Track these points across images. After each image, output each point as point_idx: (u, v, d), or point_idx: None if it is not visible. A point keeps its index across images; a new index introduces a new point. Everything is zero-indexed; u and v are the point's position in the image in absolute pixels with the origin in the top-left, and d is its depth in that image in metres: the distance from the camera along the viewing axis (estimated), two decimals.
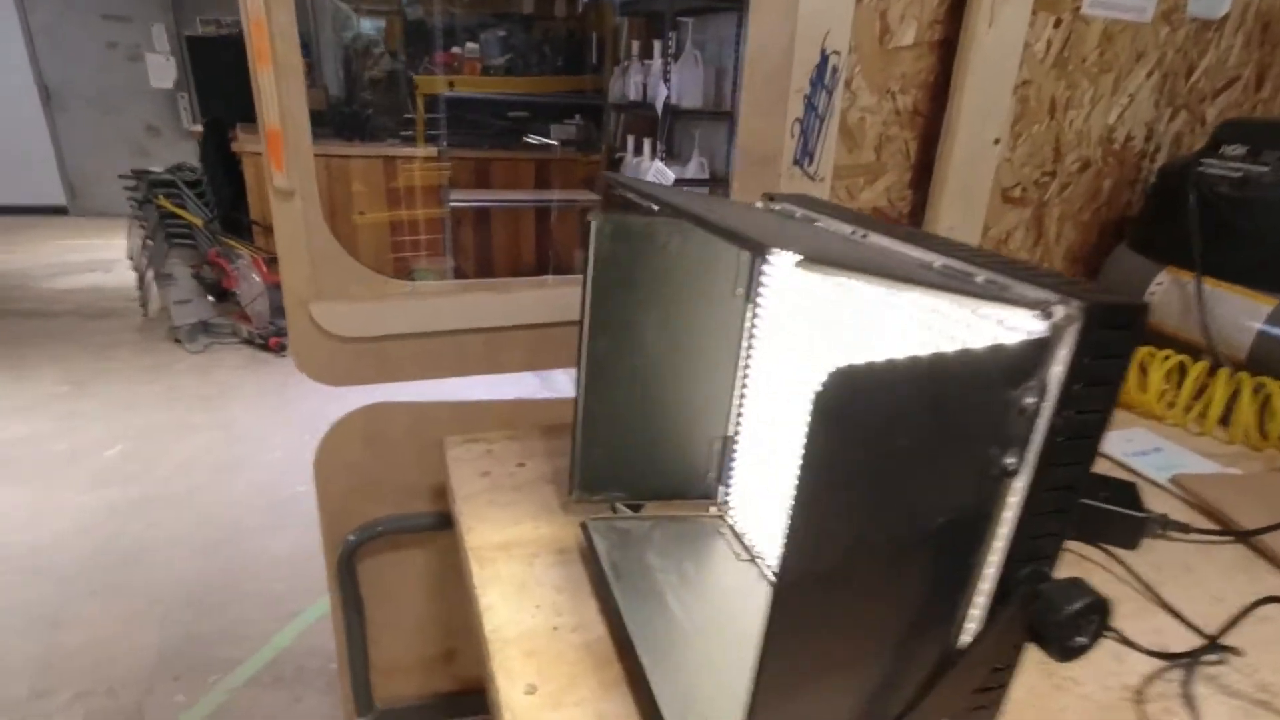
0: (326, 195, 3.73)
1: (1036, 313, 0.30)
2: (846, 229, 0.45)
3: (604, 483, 0.60)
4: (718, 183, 3.31)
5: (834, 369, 0.24)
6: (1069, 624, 0.32)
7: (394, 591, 0.93)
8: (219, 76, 4.50)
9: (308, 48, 4.89)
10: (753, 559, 0.57)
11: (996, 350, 0.29)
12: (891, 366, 0.25)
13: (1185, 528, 0.64)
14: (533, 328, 0.86)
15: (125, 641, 1.62)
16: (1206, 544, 0.64)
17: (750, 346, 0.58)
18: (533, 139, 3.87)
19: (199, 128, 4.31)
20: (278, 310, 3.47)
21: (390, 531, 0.86)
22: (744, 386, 0.59)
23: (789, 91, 0.88)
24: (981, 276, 0.32)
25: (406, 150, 3.58)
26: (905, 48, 0.94)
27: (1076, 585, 0.33)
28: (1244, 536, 0.64)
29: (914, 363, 0.26)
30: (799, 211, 0.48)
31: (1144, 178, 1.10)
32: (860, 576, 0.30)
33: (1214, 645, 0.49)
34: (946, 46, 0.95)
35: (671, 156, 3.51)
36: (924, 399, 0.27)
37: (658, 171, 3.27)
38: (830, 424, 0.24)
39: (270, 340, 3.30)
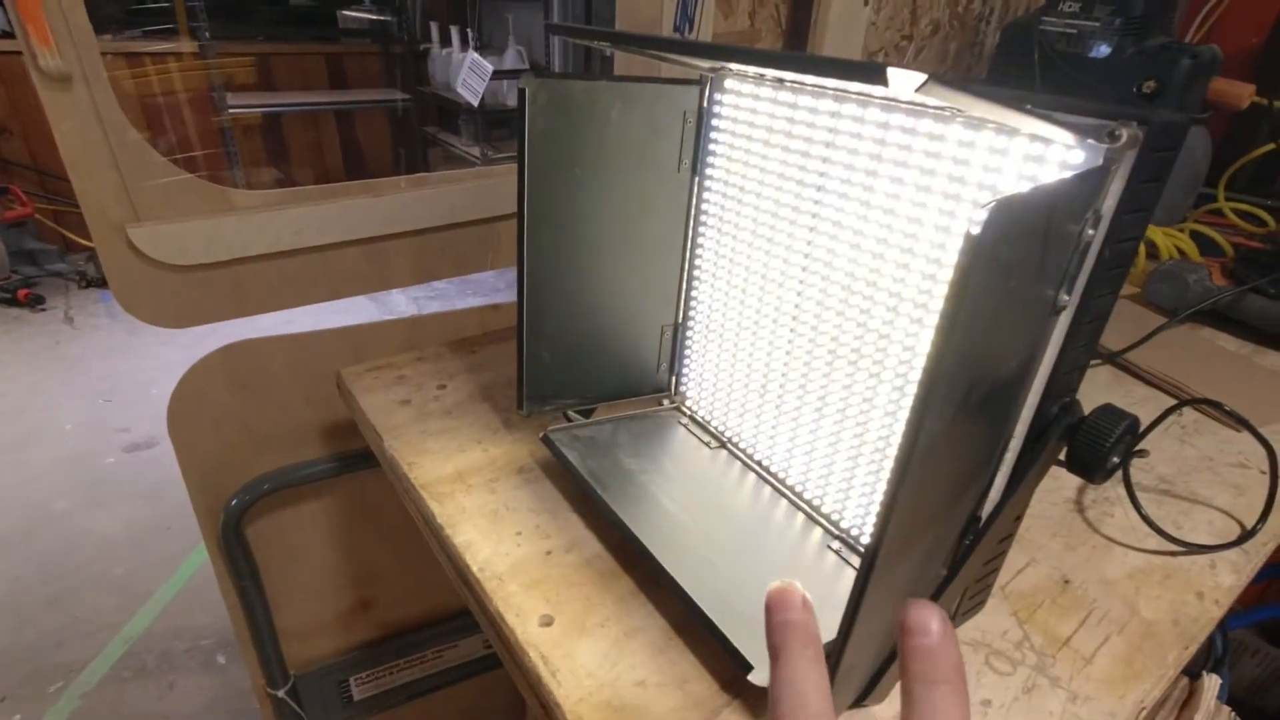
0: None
1: (1099, 137, 0.29)
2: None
3: (554, 390, 0.55)
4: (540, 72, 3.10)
5: (996, 200, 0.21)
6: (1114, 448, 0.33)
7: (293, 549, 0.83)
8: None
9: None
10: (722, 444, 0.55)
11: (1083, 178, 0.27)
12: (1028, 200, 0.22)
13: None
14: (417, 234, 0.75)
15: None
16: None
17: (697, 225, 0.54)
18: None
19: None
20: (21, 255, 2.85)
21: (280, 487, 0.75)
22: (692, 269, 0.56)
23: None
24: (1027, 105, 0.30)
25: (156, 46, 2.95)
26: None
27: (1110, 411, 0.34)
28: (1111, 358, 0.73)
29: (1039, 194, 0.24)
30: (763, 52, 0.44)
31: (981, 41, 1.16)
32: (961, 429, 0.28)
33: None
34: None
35: (484, 46, 3.22)
36: (1036, 234, 0.25)
37: (474, 64, 2.99)
38: (982, 258, 0.21)
39: (19, 292, 2.72)
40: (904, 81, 0.22)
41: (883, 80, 0.22)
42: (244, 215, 0.65)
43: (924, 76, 0.21)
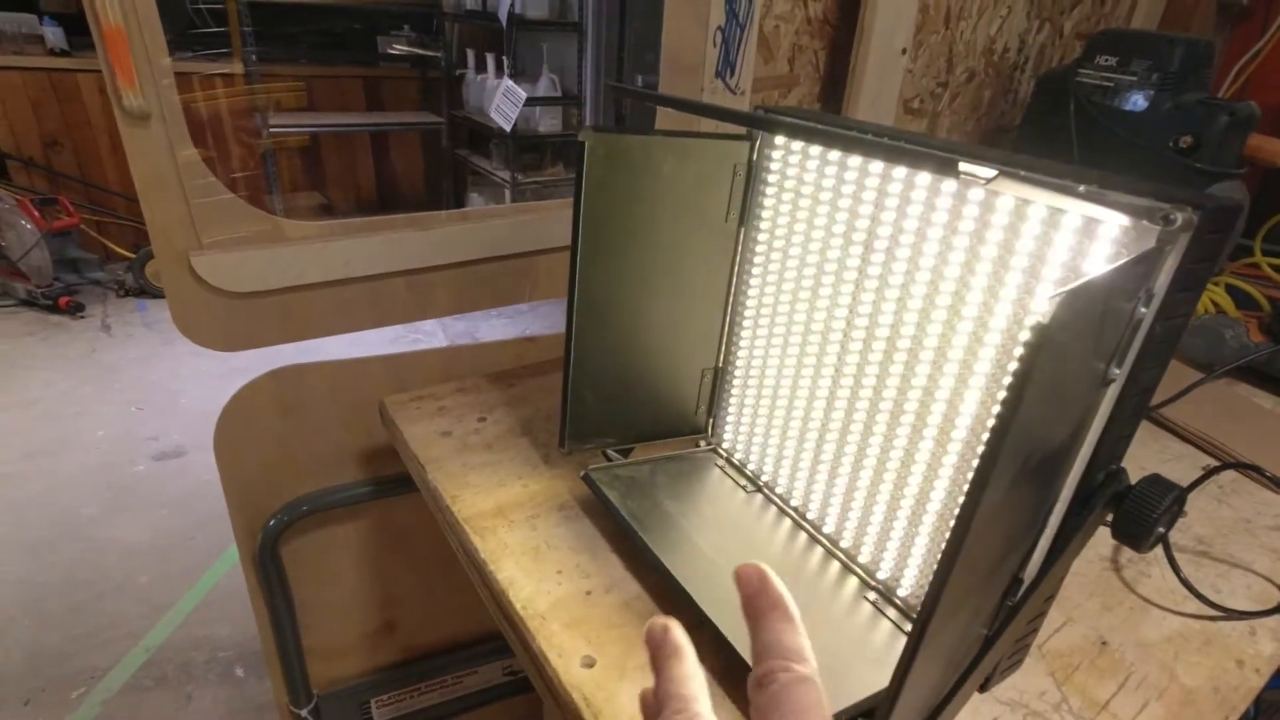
0: (104, 126, 3.11)
1: (1154, 219, 0.29)
2: (883, 141, 0.42)
3: (595, 429, 0.56)
4: (571, 101, 3.16)
5: (1062, 292, 0.22)
6: (1160, 519, 0.33)
7: (323, 570, 0.84)
8: None
9: None
10: (758, 488, 0.56)
11: (1138, 261, 0.28)
12: (1093, 286, 0.23)
13: None
14: (459, 266, 0.77)
15: None
16: None
17: (742, 275, 0.55)
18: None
19: None
20: (64, 263, 2.93)
21: (318, 509, 0.77)
22: (735, 317, 0.57)
23: None
24: (1081, 186, 0.31)
25: (204, 66, 3.05)
26: None
27: (1158, 481, 0.34)
28: (1147, 412, 0.73)
29: (1099, 280, 0.25)
30: (824, 126, 0.45)
31: (1015, 89, 1.17)
32: (1013, 497, 0.29)
33: None
34: None
35: (518, 73, 3.29)
36: (1094, 317, 0.26)
37: (508, 91, 3.05)
38: (1049, 347, 0.22)
39: (60, 299, 2.79)
40: (977, 175, 0.23)
41: (954, 174, 0.23)
42: (298, 246, 0.68)
43: (994, 171, 0.22)
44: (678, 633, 0.27)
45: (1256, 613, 0.49)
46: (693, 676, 0.25)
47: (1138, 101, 0.94)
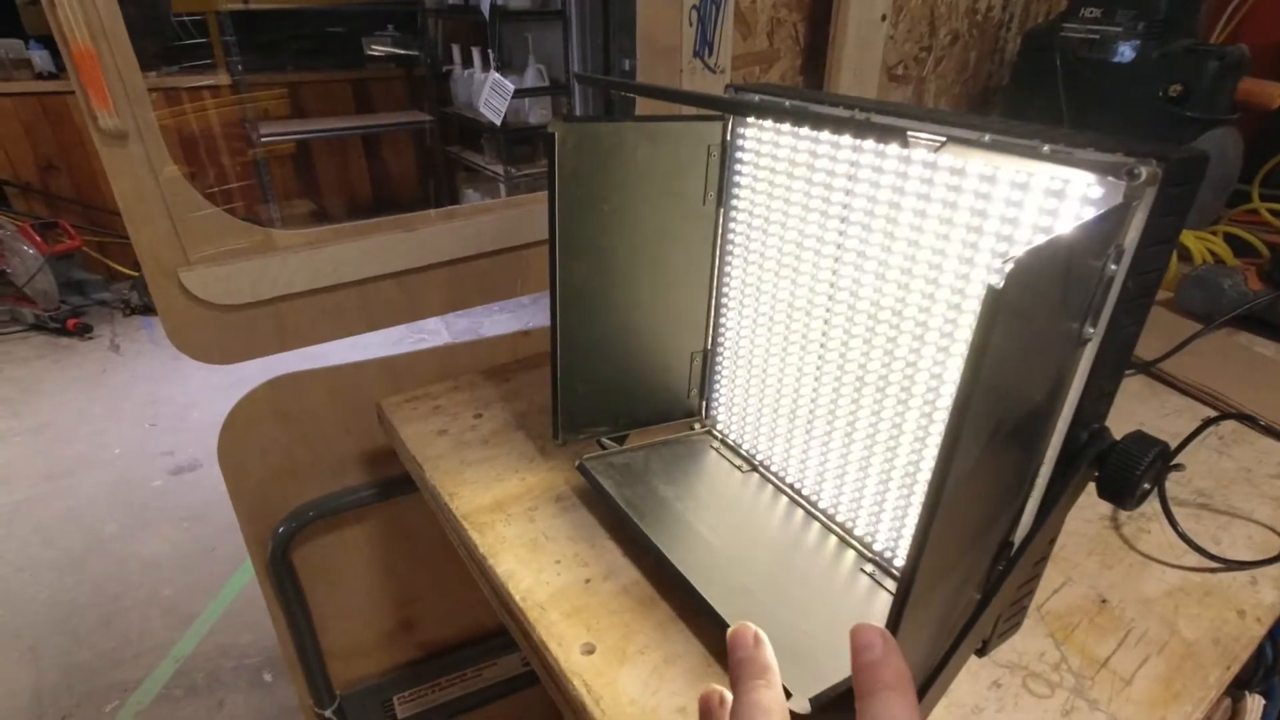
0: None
1: (1118, 175, 0.29)
2: (846, 114, 0.42)
3: (588, 419, 0.56)
4: (560, 90, 3.14)
5: (1017, 256, 0.21)
6: (1145, 475, 0.33)
7: (336, 573, 0.85)
8: None
9: None
10: (754, 467, 0.56)
11: (1103, 218, 0.28)
12: (1052, 246, 0.23)
13: None
14: (449, 265, 0.77)
15: None
16: None
17: (724, 256, 0.55)
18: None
19: None
20: (69, 285, 2.95)
21: (325, 514, 0.78)
22: (720, 298, 0.57)
23: None
24: (1046, 146, 0.31)
25: (190, 80, 3.05)
26: None
27: (1142, 438, 0.34)
28: (1145, 367, 0.72)
29: (1060, 240, 0.24)
30: (788, 102, 0.45)
31: (1002, 48, 1.16)
32: (990, 462, 0.29)
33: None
34: None
35: (505, 65, 3.27)
36: (1057, 276, 0.26)
37: (495, 84, 3.04)
38: (1005, 309, 0.22)
39: (68, 321, 2.82)
40: (924, 144, 0.23)
41: (903, 142, 0.23)
42: (286, 255, 0.68)
43: (943, 139, 0.22)
44: (768, 652, 0.26)
45: (1257, 562, 0.49)
46: (778, 706, 0.24)
47: (1125, 52, 0.92)
